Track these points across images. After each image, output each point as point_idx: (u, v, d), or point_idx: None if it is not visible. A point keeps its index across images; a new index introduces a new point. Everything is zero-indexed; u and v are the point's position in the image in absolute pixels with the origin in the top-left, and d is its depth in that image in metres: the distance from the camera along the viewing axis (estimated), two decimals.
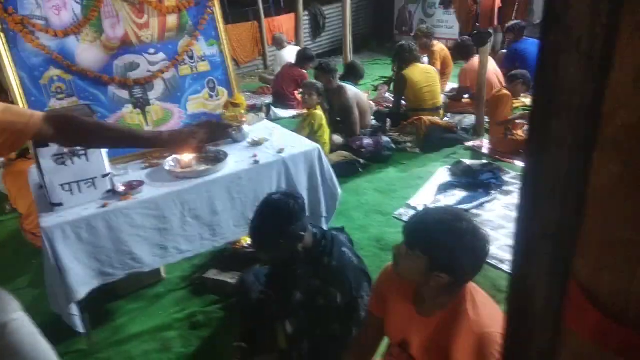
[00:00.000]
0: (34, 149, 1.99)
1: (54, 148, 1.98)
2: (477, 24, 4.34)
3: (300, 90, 5.71)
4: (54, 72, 2.33)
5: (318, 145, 2.63)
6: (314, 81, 4.08)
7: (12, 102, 2.26)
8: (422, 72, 4.53)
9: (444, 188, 3.59)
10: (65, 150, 2.00)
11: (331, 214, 2.72)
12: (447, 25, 8.31)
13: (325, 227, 2.72)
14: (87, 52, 2.38)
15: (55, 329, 1.46)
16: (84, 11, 2.33)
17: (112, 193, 2.15)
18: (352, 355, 1.70)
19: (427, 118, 4.37)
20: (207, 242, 2.37)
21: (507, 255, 2.74)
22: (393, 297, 1.59)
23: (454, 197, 3.46)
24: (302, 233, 1.78)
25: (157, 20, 2.50)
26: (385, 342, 1.69)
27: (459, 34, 7.94)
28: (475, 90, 4.54)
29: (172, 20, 2.54)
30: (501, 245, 2.84)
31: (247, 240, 2.78)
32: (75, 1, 2.31)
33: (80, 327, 2.13)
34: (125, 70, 2.48)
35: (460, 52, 5.11)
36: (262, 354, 1.99)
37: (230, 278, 2.62)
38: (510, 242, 2.86)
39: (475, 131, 4.52)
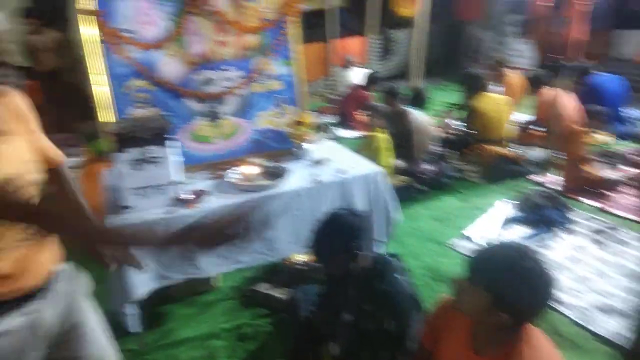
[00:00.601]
0: (113, 153, 2.13)
1: (130, 153, 2.11)
2: (555, 55, 4.19)
3: (363, 111, 5.77)
4: (138, 82, 2.49)
5: (380, 169, 2.62)
6: (379, 104, 4.09)
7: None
8: (491, 101, 4.41)
9: (505, 221, 3.46)
10: (140, 156, 2.12)
11: (388, 239, 2.69)
12: (522, 55, 8.09)
13: (381, 251, 2.69)
14: (169, 65, 2.52)
15: (109, 326, 1.53)
16: (171, 28, 2.48)
17: (178, 200, 2.25)
18: None
19: (492, 148, 4.25)
20: (263, 255, 2.42)
21: (570, 298, 2.58)
22: (447, 331, 1.55)
23: (515, 232, 3.32)
24: (360, 252, 1.79)
25: (237, 40, 2.61)
26: None
27: (534, 64, 7.73)
28: (548, 123, 4.37)
29: (250, 39, 2.65)
30: (564, 288, 2.68)
31: (299, 258, 2.80)
32: (164, 18, 2.46)
33: (134, 328, 2.22)
34: (202, 85, 2.61)
35: (535, 83, 4.94)
36: None
37: (280, 293, 2.64)
38: (573, 284, 2.70)
39: (543, 165, 4.32)
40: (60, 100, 5.77)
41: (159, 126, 2.17)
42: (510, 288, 1.31)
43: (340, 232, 1.75)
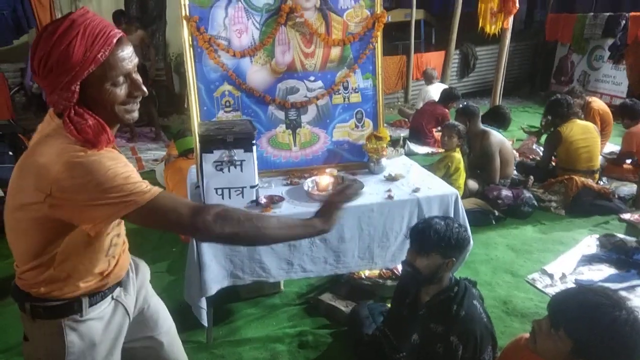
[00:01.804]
0: (200, 153, 2.24)
1: (216, 155, 2.21)
2: None
3: (439, 128, 5.65)
4: (226, 87, 2.60)
5: (456, 191, 2.55)
6: (456, 123, 3.98)
7: (187, 107, 2.58)
8: (581, 130, 4.13)
9: (589, 260, 3.21)
10: (225, 158, 2.22)
11: (459, 264, 2.60)
12: (615, 82, 7.54)
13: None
14: (257, 73, 2.62)
15: (181, 317, 1.61)
16: (261, 36, 2.57)
17: (256, 204, 2.32)
18: None
19: (579, 179, 3.98)
20: (330, 267, 2.43)
21: None
22: None
23: (600, 273, 3.08)
24: (452, 260, 1.79)
25: (322, 51, 2.66)
26: None
27: (627, 92, 7.18)
28: None
29: (335, 52, 2.68)
30: None
31: (366, 273, 2.78)
32: (255, 27, 2.56)
33: (204, 321, 2.31)
34: (286, 94, 2.68)
35: (628, 113, 4.57)
36: None
37: (344, 306, 2.63)
38: None
39: (635, 203, 3.98)
40: (147, 96, 6.20)
41: (246, 131, 2.25)
42: (597, 338, 1.22)
43: (447, 232, 1.77)
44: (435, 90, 6.35)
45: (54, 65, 1.04)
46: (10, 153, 4.71)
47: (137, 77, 1.17)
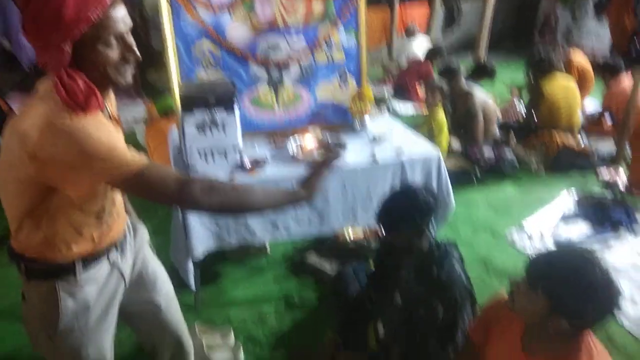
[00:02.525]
0: (182, 114, 2.18)
1: (198, 116, 2.15)
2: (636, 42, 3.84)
3: (424, 86, 5.60)
4: (206, 44, 2.50)
5: (439, 152, 2.55)
6: (439, 82, 3.93)
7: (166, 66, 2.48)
8: (562, 85, 4.14)
9: (567, 217, 3.30)
10: (207, 119, 2.16)
11: (440, 225, 2.65)
12: (597, 37, 7.51)
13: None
14: (237, 30, 2.52)
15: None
16: None
17: (240, 166, 2.29)
18: None
19: (559, 137, 4.03)
20: (315, 227, 2.44)
21: (630, 308, 2.46)
22: (498, 328, 1.53)
23: (576, 230, 3.17)
24: (426, 230, 1.78)
25: (304, 6, 2.56)
26: None
27: (610, 49, 7.17)
28: (621, 115, 4.07)
29: (317, 6, 2.58)
30: (624, 296, 2.56)
31: (350, 233, 2.81)
32: None
33: (192, 283, 2.33)
34: (268, 51, 2.59)
35: (609, 71, 4.57)
36: (352, 350, 2.02)
37: (328, 266, 2.68)
38: (637, 294, 2.57)
39: (613, 161, 4.06)
40: None
41: (227, 91, 2.18)
42: (573, 296, 1.26)
43: (413, 205, 1.75)
44: (418, 46, 6.25)
45: (46, 24, 1.01)
46: None
47: (131, 39, 1.14)
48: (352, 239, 2.83)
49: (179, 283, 2.31)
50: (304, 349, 2.21)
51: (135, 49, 1.15)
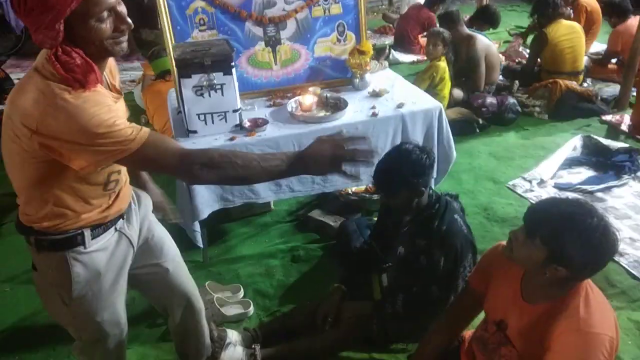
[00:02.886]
0: (178, 78, 2.17)
1: (195, 79, 2.15)
2: None
3: (425, 34, 5.47)
4: (199, 3, 2.45)
5: (440, 104, 2.54)
6: (441, 30, 3.83)
7: (160, 29, 2.45)
8: (566, 30, 4.05)
9: (570, 163, 3.31)
10: (205, 82, 2.16)
11: (441, 176, 2.68)
12: None
13: (433, 187, 2.69)
14: None
15: (176, 239, 1.68)
16: None
17: (240, 128, 2.31)
18: (445, 321, 1.74)
19: (563, 82, 3.97)
20: (318, 186, 2.48)
21: (628, 249, 2.52)
22: (499, 276, 1.57)
23: (579, 175, 3.19)
24: (423, 189, 1.81)
25: None
26: (480, 316, 1.69)
27: None
28: (627, 57, 3.99)
29: None
30: (623, 237, 2.61)
31: (352, 188, 2.85)
32: None
33: (199, 242, 2.40)
34: (263, 8, 2.53)
35: (615, 10, 4.43)
36: (357, 300, 2.10)
37: (332, 221, 2.73)
38: (635, 234, 2.62)
39: (618, 104, 4.01)
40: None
41: (224, 52, 2.17)
42: (571, 245, 1.29)
43: (407, 167, 1.75)
44: None
45: (35, 4, 1.02)
46: None
47: (122, 9, 1.13)
48: (354, 192, 2.88)
49: (188, 242, 2.40)
50: (311, 300, 2.30)
51: (128, 18, 1.14)
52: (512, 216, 2.81)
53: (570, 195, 2.97)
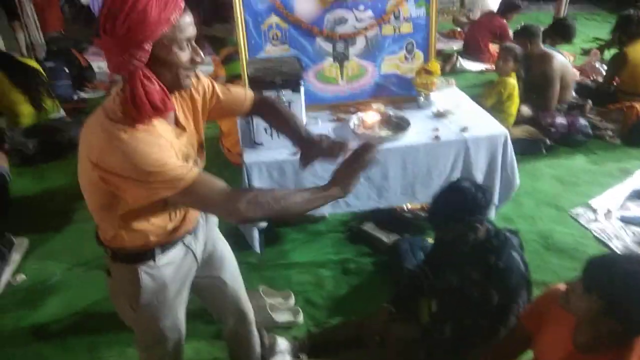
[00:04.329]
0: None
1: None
2: None
3: (496, 41, 5.31)
4: (274, 19, 2.54)
5: (505, 131, 2.50)
6: (514, 45, 3.71)
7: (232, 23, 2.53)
8: None
9: (638, 195, 3.15)
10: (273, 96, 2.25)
11: (503, 203, 2.64)
12: None
13: (493, 214, 2.66)
14: (304, 4, 2.53)
15: (235, 239, 1.80)
16: None
17: None
18: (492, 355, 1.75)
19: (639, 106, 3.75)
20: (373, 202, 2.52)
21: None
22: (552, 321, 1.56)
23: None
24: (478, 225, 1.81)
25: None
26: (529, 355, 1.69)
27: None
28: None
29: None
30: None
31: (408, 205, 2.87)
32: None
33: (256, 247, 2.52)
34: (334, 25, 2.59)
35: None
36: (405, 322, 2.14)
37: (384, 236, 2.77)
38: None
39: None
40: (196, 2, 6.06)
41: (294, 71, 2.25)
42: (630, 303, 1.28)
43: (459, 205, 1.76)
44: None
45: (134, 23, 1.07)
46: (66, 70, 4.88)
47: (196, 44, 1.21)
48: (409, 209, 2.89)
49: (245, 243, 2.52)
50: (359, 315, 2.36)
51: (201, 52, 1.21)
52: (571, 247, 2.73)
53: (637, 230, 2.85)
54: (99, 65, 5.44)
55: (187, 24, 1.16)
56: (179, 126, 1.32)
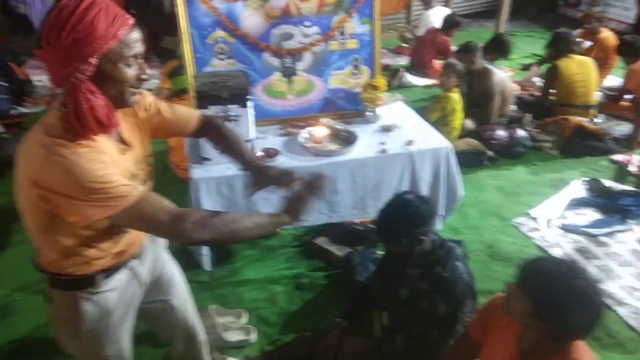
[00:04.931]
0: (196, 109, 2.24)
1: (212, 110, 2.21)
2: None
3: (440, 57, 5.51)
4: (219, 33, 2.53)
5: (449, 144, 2.58)
6: (455, 62, 3.88)
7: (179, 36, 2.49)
8: (578, 64, 4.11)
9: (576, 204, 3.33)
10: (221, 114, 2.22)
11: (448, 214, 2.72)
12: (624, 6, 7.22)
13: (440, 225, 2.74)
14: (250, 18, 2.53)
15: (185, 258, 1.74)
16: None
17: None
18: None
19: (574, 119, 3.99)
20: (324, 216, 2.53)
21: (628, 298, 2.54)
22: (497, 328, 1.61)
23: (584, 217, 3.21)
24: (424, 237, 1.85)
25: None
26: None
27: (635, 19, 6.90)
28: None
29: None
30: (624, 285, 2.62)
31: (359, 219, 2.90)
32: None
33: (206, 266, 2.46)
34: (280, 40, 2.61)
35: (627, 50, 4.43)
36: (357, 336, 2.14)
37: (337, 250, 2.78)
38: (636, 283, 2.63)
39: (628, 144, 4.02)
40: (140, 14, 5.94)
41: (241, 86, 2.23)
42: (558, 306, 1.33)
43: (407, 218, 1.79)
44: (436, 15, 6.07)
45: (80, 36, 1.05)
46: (4, 84, 4.63)
47: (143, 62, 1.19)
48: (360, 222, 2.92)
49: (195, 263, 2.46)
50: (312, 330, 2.34)
51: (148, 71, 1.20)
52: (515, 256, 2.83)
53: (575, 237, 3.00)
54: (39, 78, 5.22)
55: (135, 40, 1.14)
56: (123, 142, 1.28)
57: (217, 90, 2.19)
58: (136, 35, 1.14)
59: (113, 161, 1.19)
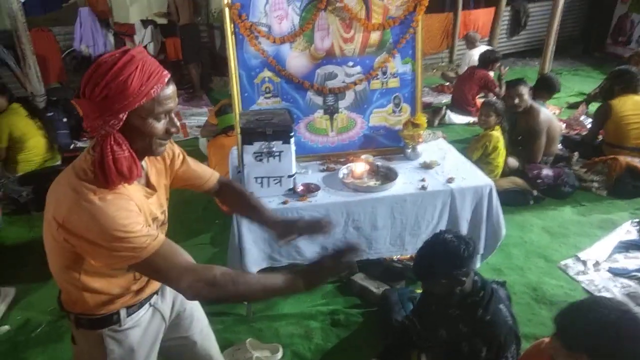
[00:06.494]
0: (241, 145, 2.34)
1: (256, 146, 2.31)
2: None
3: (482, 94, 5.50)
4: (266, 74, 2.65)
5: (491, 182, 2.55)
6: (494, 101, 3.87)
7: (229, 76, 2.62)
8: (634, 104, 3.97)
9: (626, 247, 3.17)
10: (264, 150, 2.31)
11: (489, 253, 2.66)
12: None
13: (479, 264, 2.68)
14: (296, 59, 2.65)
15: None
16: (301, 22, 2.58)
17: (293, 192, 2.43)
18: None
19: (624, 159, 3.85)
20: (362, 252, 2.52)
21: None
22: None
23: (635, 261, 3.04)
24: (464, 278, 1.82)
25: (361, 36, 2.65)
26: None
27: None
28: None
29: (375, 36, 2.66)
30: None
31: (397, 255, 2.88)
32: (295, 13, 2.56)
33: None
34: (324, 79, 2.70)
35: None
36: None
37: (374, 287, 2.75)
38: None
39: None
40: (193, 56, 6.32)
41: (284, 123, 2.32)
42: (611, 355, 1.29)
43: (445, 259, 1.78)
44: (478, 54, 6.09)
45: (113, 93, 1.09)
46: (64, 119, 4.98)
47: (174, 116, 1.23)
48: (398, 259, 2.90)
49: None
50: None
51: (177, 124, 1.23)
52: (561, 299, 2.71)
53: (625, 282, 2.85)
54: None
55: (168, 96, 1.17)
56: (149, 186, 1.33)
57: (261, 127, 2.28)
58: (169, 91, 1.17)
59: (139, 207, 1.22)
